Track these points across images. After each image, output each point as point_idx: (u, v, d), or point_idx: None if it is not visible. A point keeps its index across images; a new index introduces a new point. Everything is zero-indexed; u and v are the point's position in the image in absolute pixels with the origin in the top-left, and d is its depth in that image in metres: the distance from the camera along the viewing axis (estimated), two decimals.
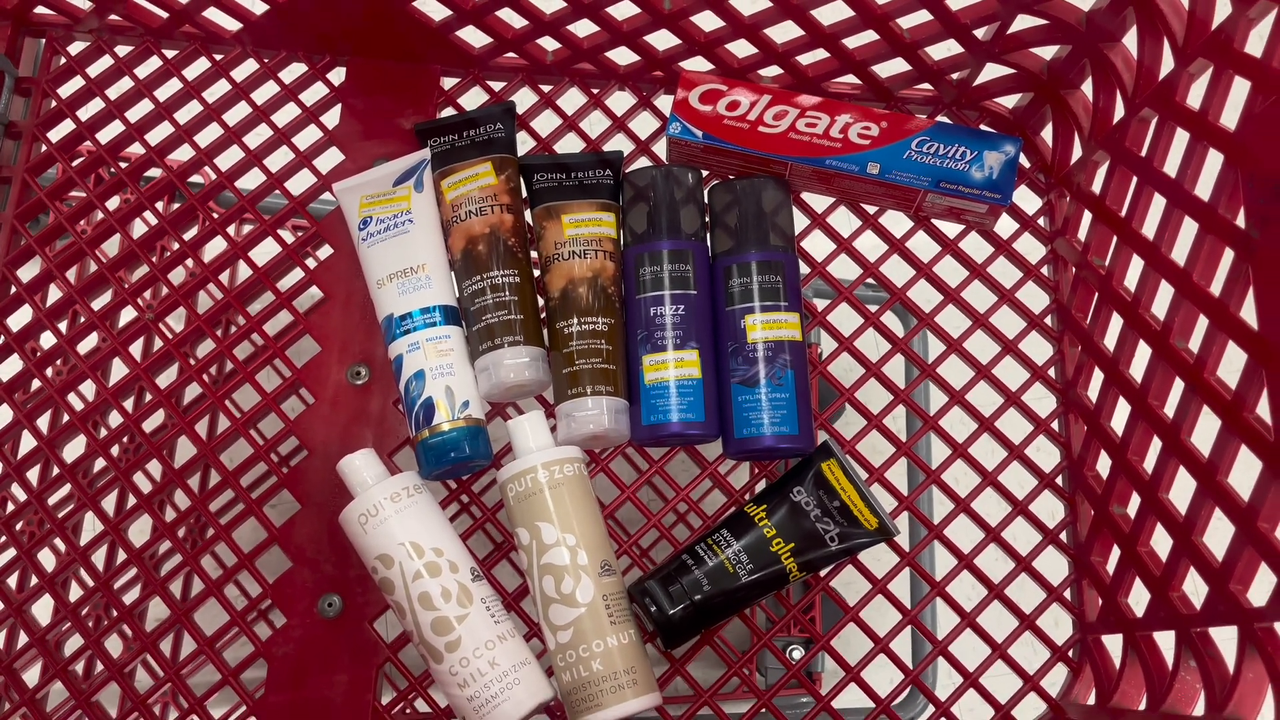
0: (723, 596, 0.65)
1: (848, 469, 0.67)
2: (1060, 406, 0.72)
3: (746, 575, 0.65)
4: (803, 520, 0.66)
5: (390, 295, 0.70)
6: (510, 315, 0.69)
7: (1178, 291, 0.59)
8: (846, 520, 0.66)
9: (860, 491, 0.67)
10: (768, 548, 0.66)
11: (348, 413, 0.72)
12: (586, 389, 0.67)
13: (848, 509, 0.66)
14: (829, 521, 0.66)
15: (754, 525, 0.66)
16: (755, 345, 0.69)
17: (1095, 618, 0.66)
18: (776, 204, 0.72)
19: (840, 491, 0.67)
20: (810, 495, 0.67)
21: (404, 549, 0.64)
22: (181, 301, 0.75)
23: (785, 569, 0.65)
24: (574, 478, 0.66)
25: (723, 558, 0.65)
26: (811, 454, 0.68)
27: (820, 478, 0.67)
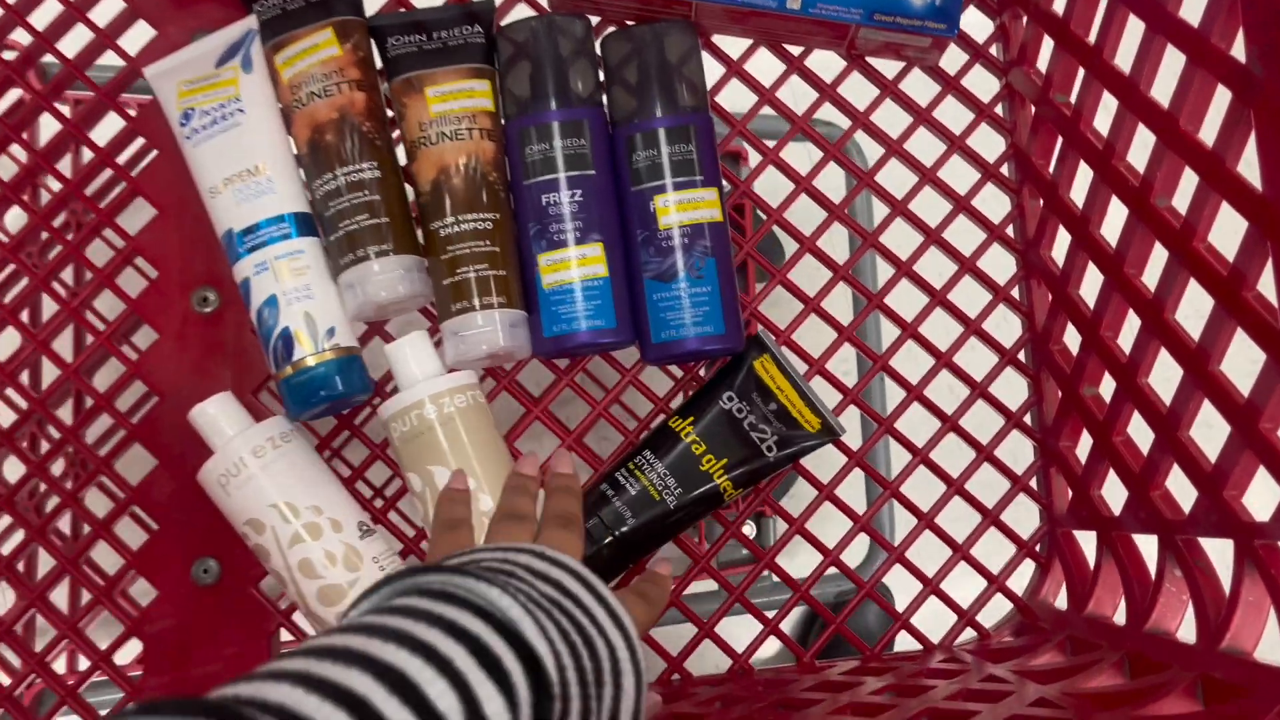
0: (648, 528, 0.57)
1: (783, 364, 0.58)
2: (1020, 270, 0.63)
3: (675, 501, 0.57)
4: (735, 430, 0.58)
5: (226, 205, 0.58)
6: (374, 219, 0.57)
7: (1159, 139, 0.49)
8: (785, 424, 0.58)
9: (799, 388, 0.58)
10: (697, 466, 0.58)
11: (198, 347, 0.61)
12: (474, 302, 0.57)
13: (785, 411, 0.58)
14: (765, 428, 0.58)
15: (679, 441, 0.58)
16: (669, 231, 0.58)
17: (1065, 510, 0.59)
18: (683, 53, 0.60)
19: (776, 392, 0.58)
20: (742, 400, 0.58)
21: (275, 511, 0.54)
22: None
23: (719, 488, 0.57)
24: (469, 409, 0.56)
25: (646, 483, 0.57)
26: (741, 350, 0.59)
27: (752, 378, 0.59)
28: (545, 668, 0.31)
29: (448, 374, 0.57)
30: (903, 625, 0.60)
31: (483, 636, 0.30)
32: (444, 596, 0.32)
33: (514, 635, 0.31)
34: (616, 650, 0.36)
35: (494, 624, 0.31)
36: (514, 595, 0.33)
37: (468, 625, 0.30)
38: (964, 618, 0.60)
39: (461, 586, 0.33)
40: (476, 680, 0.29)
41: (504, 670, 0.30)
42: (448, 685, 0.28)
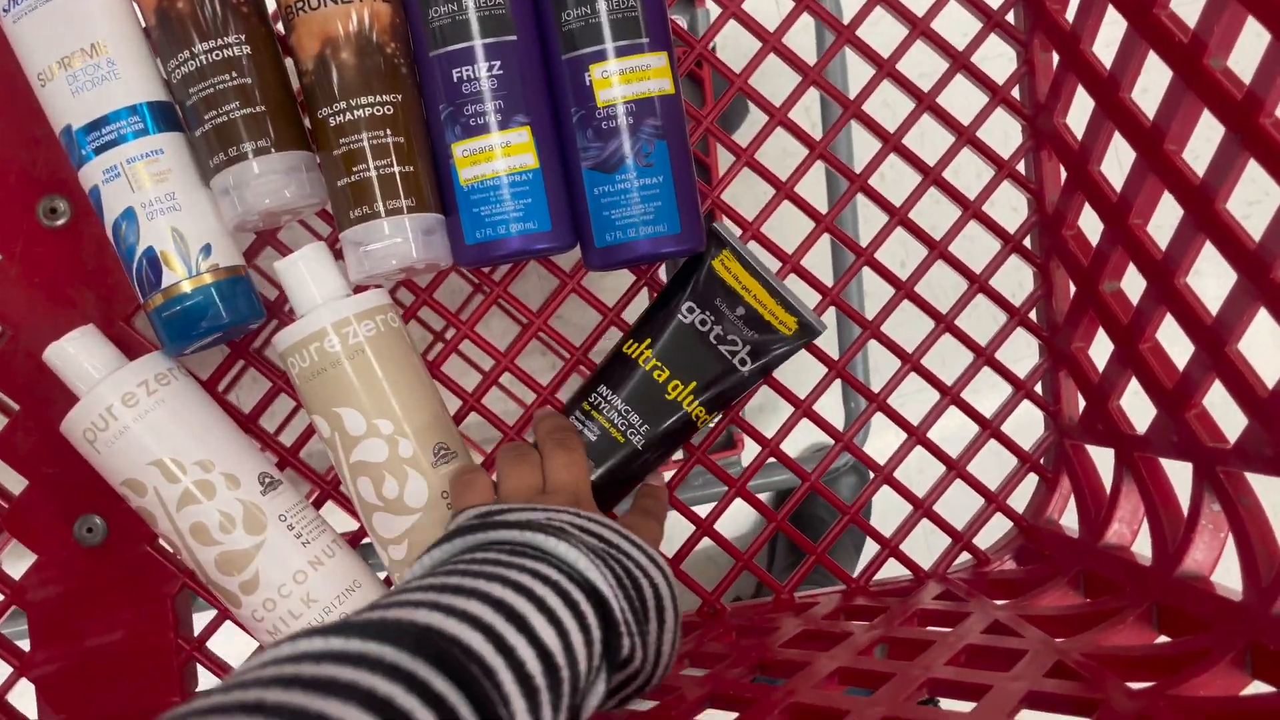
0: (616, 475, 0.49)
1: (747, 259, 0.50)
2: (1028, 139, 0.53)
3: (642, 440, 0.49)
4: (701, 345, 0.50)
5: (59, 95, 0.47)
6: (248, 107, 0.47)
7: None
8: (756, 329, 0.50)
9: (768, 285, 0.50)
10: (662, 395, 0.49)
11: (51, 269, 0.51)
12: (378, 206, 0.47)
13: (755, 314, 0.50)
14: (734, 338, 0.50)
15: (637, 368, 0.50)
16: (610, 109, 0.48)
17: (1076, 420, 0.52)
18: None
19: (743, 293, 0.50)
20: (704, 309, 0.50)
21: (157, 470, 0.46)
22: None
23: (690, 416, 0.49)
24: (381, 336, 0.47)
25: (605, 423, 0.49)
26: (699, 250, 0.50)
27: (714, 281, 0.50)
28: (611, 608, 0.36)
29: (353, 295, 0.48)
30: (891, 553, 0.53)
31: (562, 583, 0.35)
32: (522, 551, 0.37)
33: (585, 582, 0.36)
34: (659, 588, 0.40)
35: (567, 572, 0.36)
36: (577, 547, 0.37)
37: (549, 574, 0.35)
38: (959, 541, 0.53)
39: (532, 543, 0.38)
40: (565, 618, 0.34)
41: (581, 611, 0.35)
42: (546, 621, 0.33)
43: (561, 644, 0.33)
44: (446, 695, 0.27)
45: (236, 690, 0.26)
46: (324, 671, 0.26)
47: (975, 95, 0.53)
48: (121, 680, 0.52)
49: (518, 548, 0.37)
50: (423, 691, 0.27)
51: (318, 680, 0.26)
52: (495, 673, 0.30)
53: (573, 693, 0.33)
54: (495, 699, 0.29)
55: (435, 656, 0.28)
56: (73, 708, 0.51)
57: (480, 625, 0.31)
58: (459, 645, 0.30)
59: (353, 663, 0.27)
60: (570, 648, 0.33)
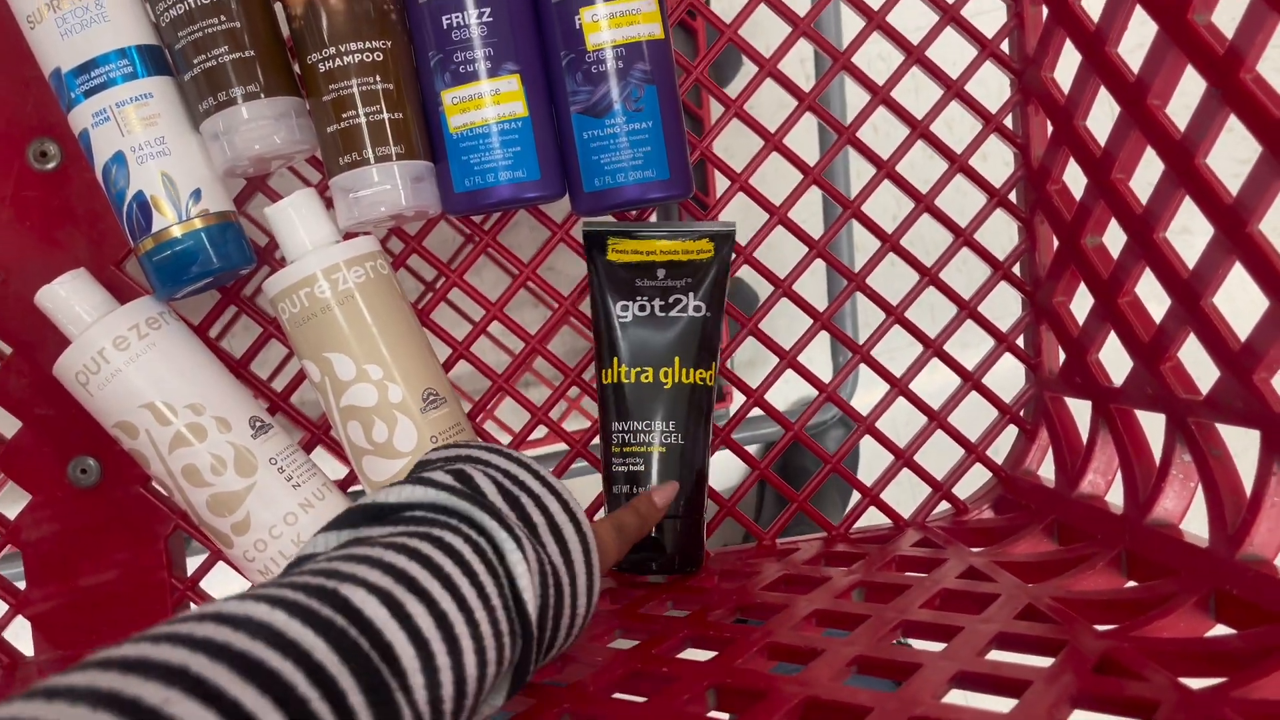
0: (685, 473, 0.50)
1: (628, 229, 0.51)
2: (1016, 94, 0.53)
3: (680, 434, 0.50)
4: (654, 327, 0.51)
5: (49, 37, 0.46)
6: (237, 52, 0.47)
7: None
8: (683, 274, 0.51)
9: (662, 233, 0.51)
10: (661, 390, 0.50)
11: (41, 212, 0.51)
12: (368, 153, 0.47)
13: (674, 264, 0.51)
14: (674, 297, 0.50)
15: (624, 386, 0.50)
16: (600, 53, 0.48)
17: (1056, 374, 0.53)
18: None
19: (649, 258, 0.51)
20: (631, 297, 0.51)
21: (149, 412, 0.47)
22: None
23: (696, 385, 0.50)
24: (371, 282, 0.48)
25: (643, 448, 0.50)
26: (588, 251, 0.51)
27: (619, 270, 0.51)
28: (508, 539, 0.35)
29: (342, 241, 0.48)
30: (872, 501, 0.54)
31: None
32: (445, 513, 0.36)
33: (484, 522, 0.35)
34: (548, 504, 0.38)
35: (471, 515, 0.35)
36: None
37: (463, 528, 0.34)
38: (939, 490, 0.54)
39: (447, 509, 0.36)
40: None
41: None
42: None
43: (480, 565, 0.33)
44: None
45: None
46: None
47: (967, 50, 0.53)
48: (116, 618, 0.53)
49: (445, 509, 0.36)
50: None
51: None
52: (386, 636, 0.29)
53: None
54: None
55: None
56: (68, 644, 0.52)
57: (405, 580, 0.31)
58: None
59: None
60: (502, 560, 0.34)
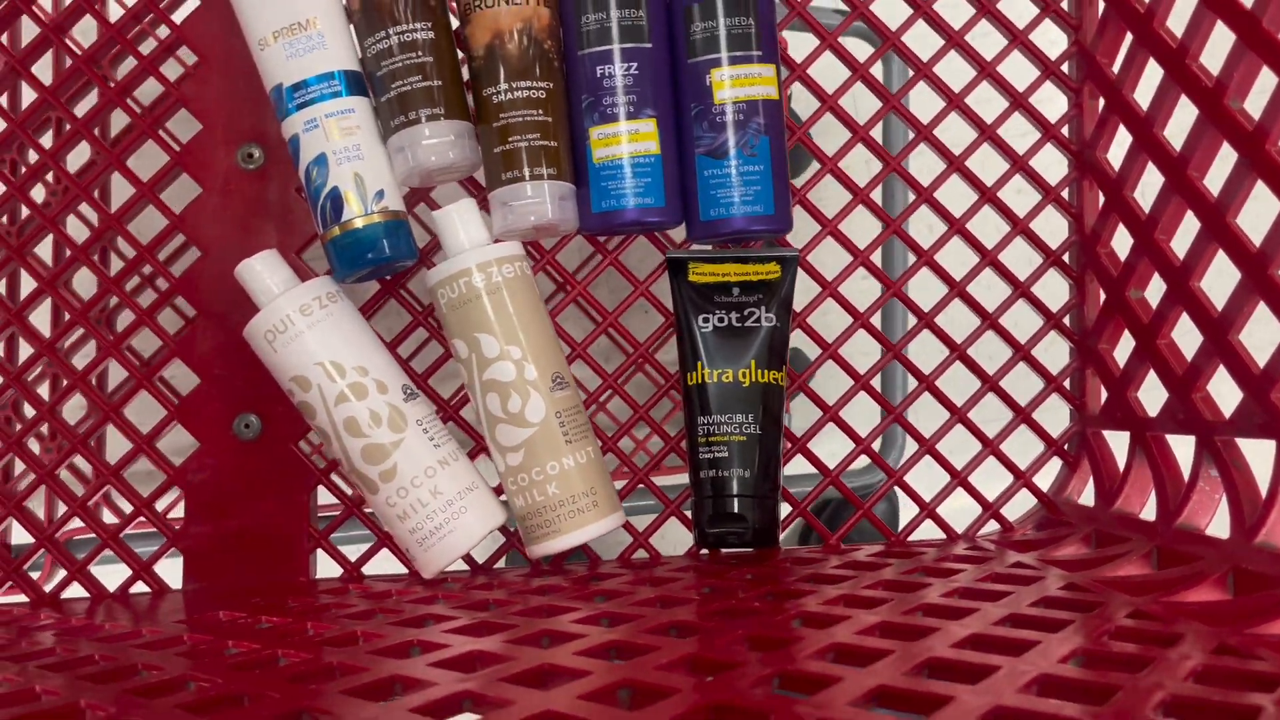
0: (764, 463, 0.58)
1: (706, 255, 0.60)
2: (1073, 171, 0.62)
3: (756, 425, 0.58)
4: (731, 335, 0.59)
5: (276, 59, 0.57)
6: (427, 81, 0.56)
7: (1239, 39, 0.48)
8: (754, 291, 0.59)
9: (734, 258, 0.60)
10: (740, 388, 0.58)
11: (242, 203, 0.61)
12: (524, 172, 0.57)
13: (746, 283, 0.60)
14: (748, 310, 0.59)
15: (707, 386, 0.58)
16: (723, 107, 0.58)
17: (1098, 411, 0.60)
18: None
19: (724, 278, 0.59)
20: (711, 310, 0.59)
21: (321, 370, 0.55)
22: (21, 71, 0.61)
23: (769, 384, 0.58)
24: (515, 279, 0.56)
25: (725, 437, 0.58)
26: (672, 275, 0.60)
27: (700, 290, 0.59)
28: None
29: (495, 244, 0.57)
30: (929, 514, 0.61)
31: None
32: None
33: None
34: None
35: None
36: None
37: None
38: (989, 510, 0.61)
39: None
40: None
41: None
42: None
43: None
44: None
45: None
46: None
47: (1032, 131, 0.62)
48: (257, 559, 0.60)
49: None
50: None
51: None
52: None
53: None
54: None
55: None
56: (213, 577, 0.60)
57: None
58: None
59: None
60: None
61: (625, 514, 0.58)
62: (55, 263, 0.78)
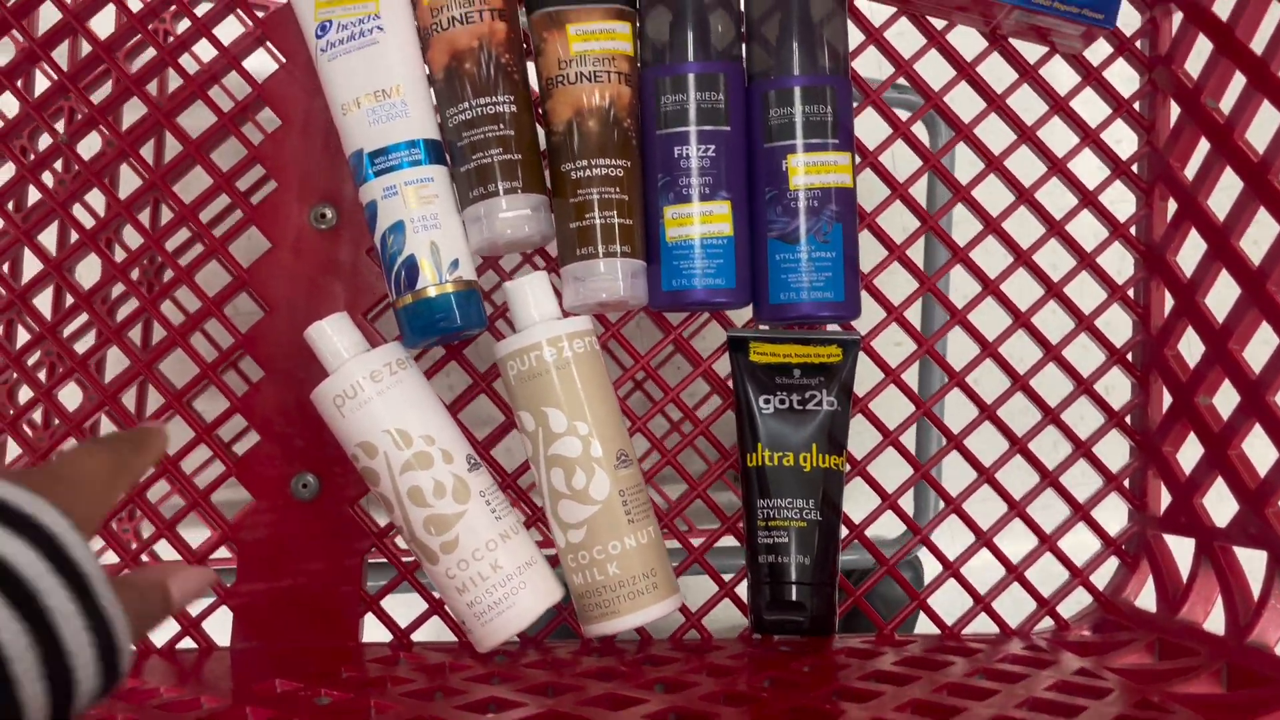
0: (823, 551, 0.57)
1: (768, 335, 0.60)
2: (1140, 271, 0.62)
3: (815, 512, 0.58)
4: (792, 418, 0.59)
5: (359, 125, 0.57)
6: (507, 155, 0.57)
7: None
8: (815, 374, 0.59)
9: (796, 339, 0.60)
10: (800, 472, 0.58)
11: (313, 263, 0.61)
12: (599, 249, 0.57)
13: (807, 365, 0.59)
14: (809, 393, 0.59)
15: (767, 470, 0.58)
16: (798, 193, 0.58)
17: (1160, 513, 0.60)
18: (827, 13, 0.59)
19: (785, 359, 0.59)
20: (772, 392, 0.59)
21: (389, 437, 0.55)
22: (100, 119, 0.62)
23: (829, 469, 0.58)
24: (585, 354, 0.56)
25: (785, 522, 0.57)
26: (732, 354, 0.60)
27: (761, 370, 0.59)
28: None
29: (565, 318, 0.57)
30: (984, 608, 0.60)
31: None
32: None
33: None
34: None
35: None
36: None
37: None
38: (1044, 606, 0.60)
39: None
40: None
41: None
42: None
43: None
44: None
45: None
46: None
47: (1100, 228, 0.62)
48: (308, 620, 0.59)
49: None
50: None
51: None
52: None
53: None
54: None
55: None
56: (263, 636, 0.59)
57: None
58: None
59: None
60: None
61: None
62: (117, 318, 0.79)
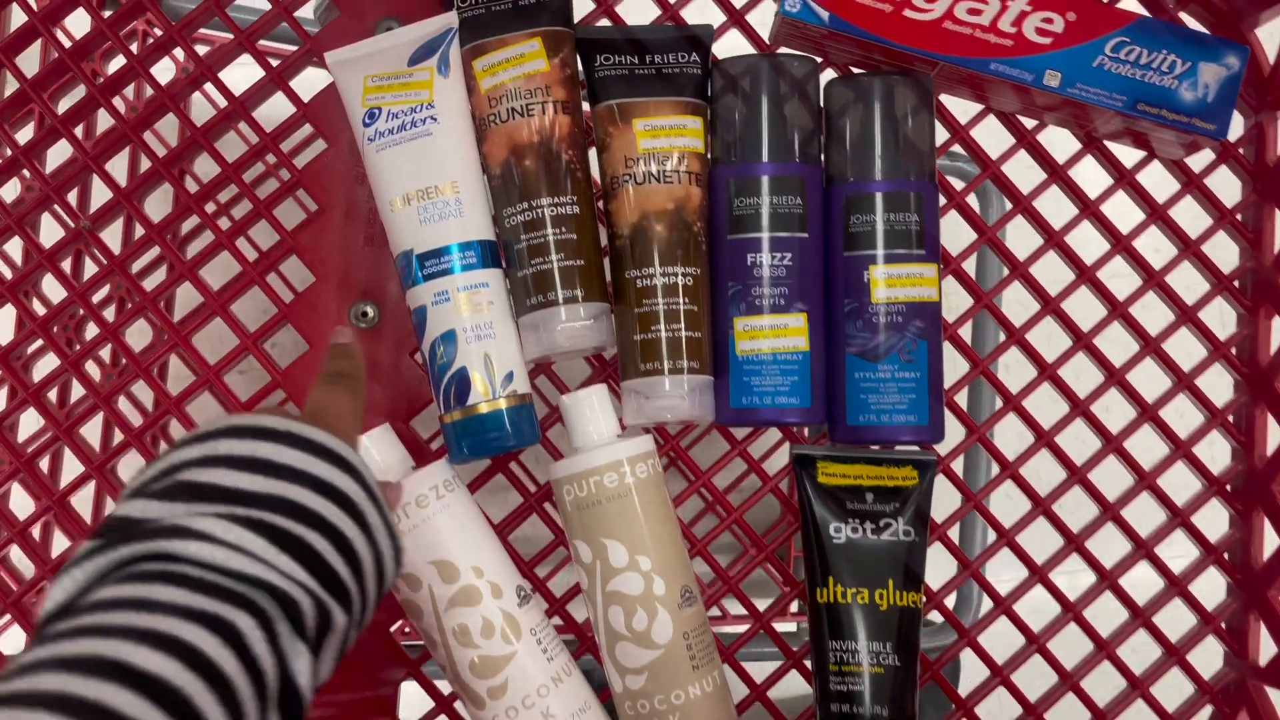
0: (898, 700, 0.52)
1: (837, 454, 0.55)
2: (1242, 395, 0.58)
3: (893, 657, 0.53)
4: (866, 550, 0.54)
5: (408, 223, 0.53)
6: (568, 260, 0.53)
7: None
8: (889, 499, 0.54)
9: (868, 459, 0.54)
10: (877, 611, 0.53)
11: None
12: (664, 364, 0.52)
13: (880, 489, 0.54)
14: (883, 521, 0.54)
15: (839, 607, 0.53)
16: (879, 307, 0.54)
17: (1264, 663, 0.55)
18: (915, 113, 0.55)
19: (857, 482, 0.54)
20: (843, 519, 0.54)
21: (434, 570, 0.50)
22: (129, 205, 0.57)
23: (907, 608, 0.53)
24: (648, 480, 0.52)
25: (858, 667, 0.53)
26: (797, 473, 0.55)
27: (831, 493, 0.54)
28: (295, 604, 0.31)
29: (625, 436, 0.53)
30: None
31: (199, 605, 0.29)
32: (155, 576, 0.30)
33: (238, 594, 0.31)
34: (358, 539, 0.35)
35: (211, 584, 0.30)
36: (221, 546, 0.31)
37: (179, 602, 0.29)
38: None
39: (167, 551, 0.31)
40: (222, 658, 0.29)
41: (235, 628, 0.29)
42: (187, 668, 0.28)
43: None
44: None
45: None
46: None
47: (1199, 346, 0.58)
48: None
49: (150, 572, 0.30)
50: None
51: None
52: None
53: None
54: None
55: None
56: None
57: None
58: None
59: None
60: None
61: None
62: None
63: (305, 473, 0.34)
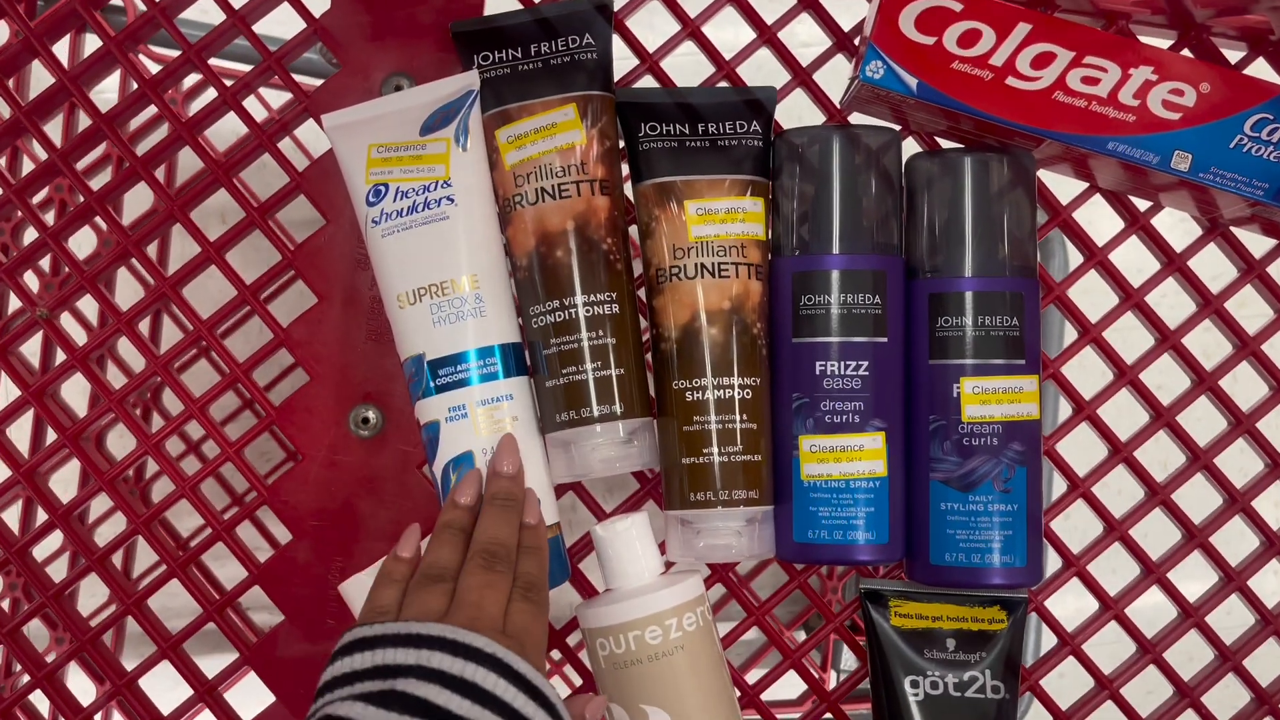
0: None
1: (916, 591, 0.47)
2: None
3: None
4: (949, 708, 0.46)
5: (418, 323, 0.45)
6: (606, 369, 0.45)
7: None
8: (976, 646, 0.47)
9: (951, 598, 0.47)
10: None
11: (350, 479, 0.48)
12: (718, 494, 0.45)
13: (964, 633, 0.47)
14: (970, 674, 0.46)
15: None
16: (971, 426, 0.45)
17: None
18: (1014, 196, 0.47)
19: (936, 624, 0.47)
20: (920, 673, 0.46)
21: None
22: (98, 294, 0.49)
23: None
24: (698, 633, 0.44)
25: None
26: (865, 611, 0.47)
27: (907, 638, 0.47)
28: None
29: (671, 576, 0.45)
30: None
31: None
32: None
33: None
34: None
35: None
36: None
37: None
38: None
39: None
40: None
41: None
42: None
43: None
44: None
45: None
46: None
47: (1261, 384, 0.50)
48: None
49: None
50: None
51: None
52: None
53: None
54: None
55: None
56: None
57: None
58: None
59: None
60: None
61: None
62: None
63: (507, 704, 0.35)
